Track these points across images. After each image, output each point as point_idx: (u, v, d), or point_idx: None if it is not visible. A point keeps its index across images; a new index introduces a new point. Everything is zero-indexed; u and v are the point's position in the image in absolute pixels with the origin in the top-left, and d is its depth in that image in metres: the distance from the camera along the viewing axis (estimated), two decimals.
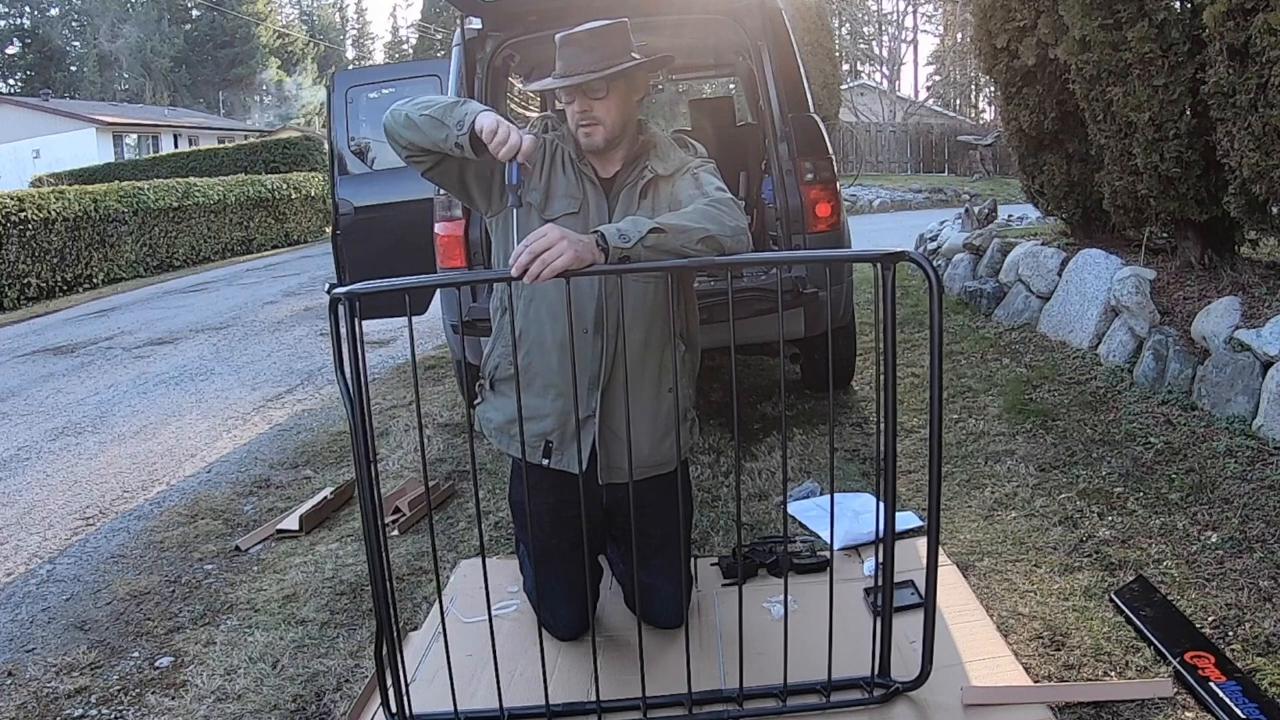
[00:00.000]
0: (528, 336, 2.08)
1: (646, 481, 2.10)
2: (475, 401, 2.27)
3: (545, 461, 2.12)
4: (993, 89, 9.13)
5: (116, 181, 14.88)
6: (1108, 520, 2.76)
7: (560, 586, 2.22)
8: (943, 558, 2.44)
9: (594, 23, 2.01)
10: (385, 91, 5.46)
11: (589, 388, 2.05)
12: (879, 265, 1.80)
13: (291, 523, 3.32)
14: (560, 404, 2.08)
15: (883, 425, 1.84)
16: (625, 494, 1.98)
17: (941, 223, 8.09)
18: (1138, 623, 2.17)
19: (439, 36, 36.78)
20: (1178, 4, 3.83)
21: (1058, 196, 5.11)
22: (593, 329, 2.05)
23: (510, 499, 2.38)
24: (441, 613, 1.99)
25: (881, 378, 1.82)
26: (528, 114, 5.52)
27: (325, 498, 3.49)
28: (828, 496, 2.94)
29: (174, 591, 2.95)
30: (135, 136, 29.35)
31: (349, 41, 56.83)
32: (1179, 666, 1.98)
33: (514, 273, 1.69)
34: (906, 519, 2.81)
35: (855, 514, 2.84)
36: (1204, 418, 3.35)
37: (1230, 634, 2.12)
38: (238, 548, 3.23)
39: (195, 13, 45.61)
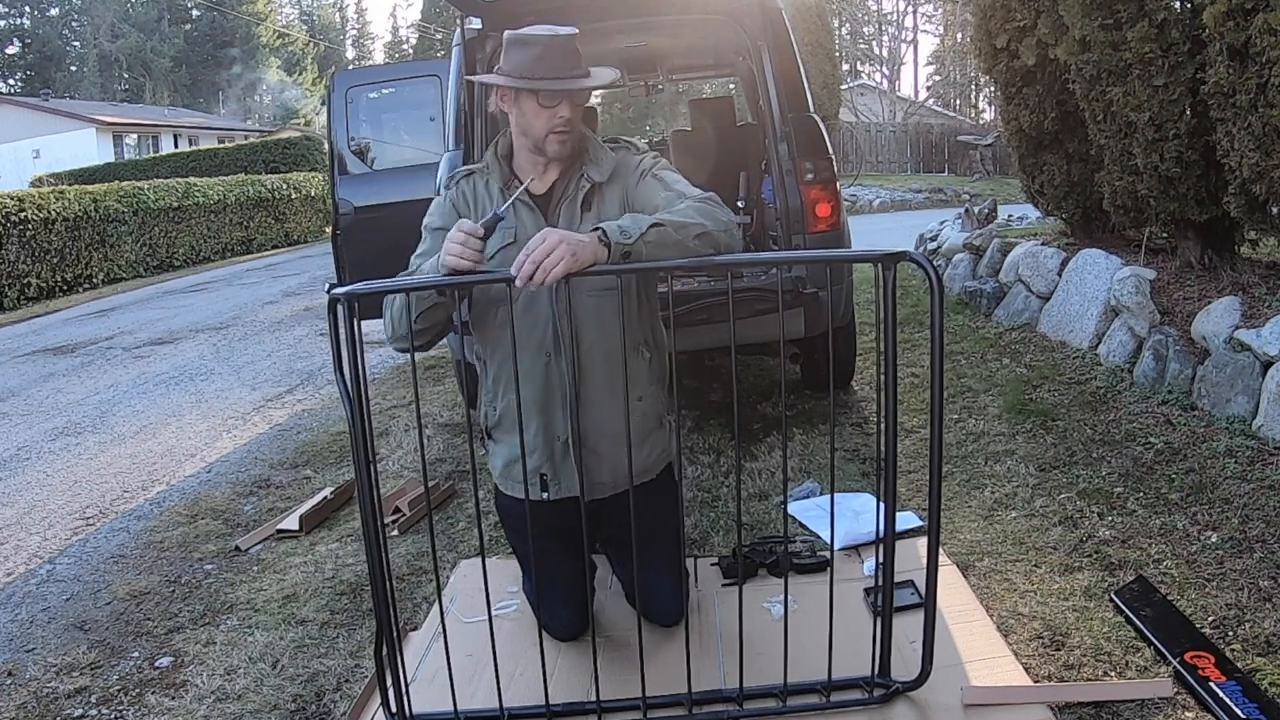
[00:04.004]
0: (500, 379, 2.07)
1: (634, 489, 2.09)
2: (480, 454, 2.26)
3: (545, 495, 2.11)
4: (993, 89, 9.13)
5: (116, 181, 14.87)
6: (1108, 520, 2.76)
7: (558, 588, 2.22)
8: (943, 558, 2.43)
9: (557, 28, 1.96)
10: (385, 91, 5.47)
11: (560, 411, 2.04)
12: (880, 265, 1.80)
13: (291, 523, 3.32)
14: (541, 438, 2.08)
15: (883, 425, 1.84)
16: (611, 504, 1.98)
17: (941, 223, 8.08)
18: (1138, 623, 2.17)
19: (439, 36, 36.74)
20: (1178, 4, 3.83)
21: (1058, 196, 5.11)
22: (553, 351, 2.03)
23: (497, 504, 2.32)
24: (441, 613, 1.99)
25: (882, 378, 1.82)
26: None
27: (325, 498, 3.49)
28: (828, 496, 2.94)
29: (174, 591, 2.95)
30: (135, 136, 29.32)
31: (349, 41, 56.76)
32: (1179, 666, 1.98)
33: (519, 282, 1.69)
34: (906, 519, 2.81)
35: (855, 514, 2.84)
36: (1204, 418, 3.35)
37: (1230, 634, 2.12)
38: (238, 548, 3.23)
39: (195, 13, 45.56)
